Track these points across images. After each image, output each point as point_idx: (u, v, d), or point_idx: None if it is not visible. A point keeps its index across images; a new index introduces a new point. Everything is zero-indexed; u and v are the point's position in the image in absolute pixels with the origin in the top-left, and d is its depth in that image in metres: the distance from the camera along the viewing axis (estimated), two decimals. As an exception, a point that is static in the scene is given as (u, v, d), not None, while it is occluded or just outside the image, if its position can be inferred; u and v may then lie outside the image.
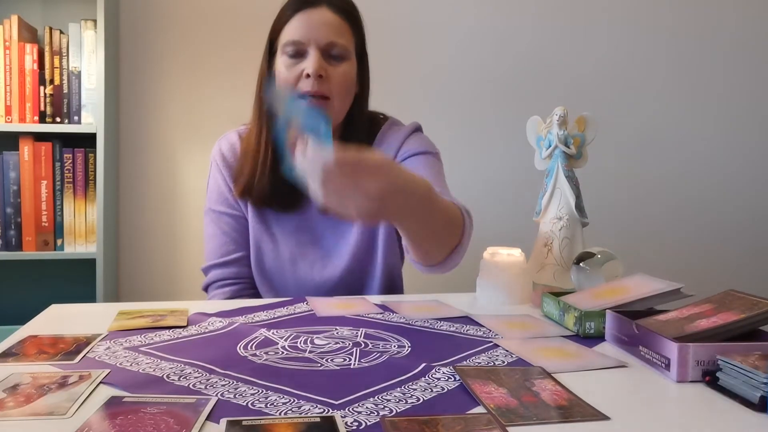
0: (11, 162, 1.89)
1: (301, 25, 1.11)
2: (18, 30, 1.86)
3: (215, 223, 1.24)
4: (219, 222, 1.23)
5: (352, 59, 1.16)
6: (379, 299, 1.13)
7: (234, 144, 1.26)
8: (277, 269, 1.22)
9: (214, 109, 2.15)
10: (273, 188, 1.16)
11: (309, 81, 1.09)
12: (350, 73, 1.15)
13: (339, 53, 1.12)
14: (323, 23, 1.11)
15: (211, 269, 1.23)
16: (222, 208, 1.24)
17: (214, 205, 1.24)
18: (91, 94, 1.91)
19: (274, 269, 1.22)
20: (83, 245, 1.93)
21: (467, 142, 2.29)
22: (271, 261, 1.22)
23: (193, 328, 0.92)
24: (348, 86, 1.15)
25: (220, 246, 1.23)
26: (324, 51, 1.11)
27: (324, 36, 1.10)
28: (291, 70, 1.11)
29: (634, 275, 1.03)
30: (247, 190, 1.18)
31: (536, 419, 0.60)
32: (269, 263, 1.22)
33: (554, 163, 1.19)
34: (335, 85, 1.12)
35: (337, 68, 1.12)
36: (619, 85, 2.36)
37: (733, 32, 2.42)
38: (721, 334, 0.75)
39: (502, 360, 0.78)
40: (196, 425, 0.57)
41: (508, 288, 1.12)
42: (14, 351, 0.79)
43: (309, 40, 1.10)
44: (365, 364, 0.76)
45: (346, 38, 1.13)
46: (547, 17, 2.31)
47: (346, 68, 1.13)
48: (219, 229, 1.23)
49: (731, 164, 2.45)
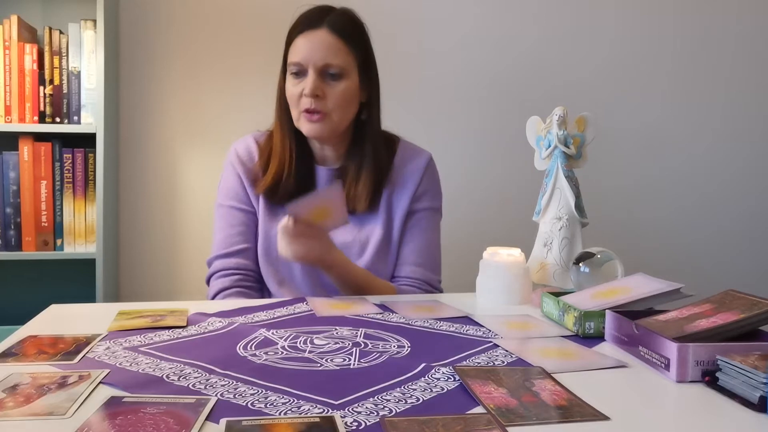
0: (11, 162, 1.88)
1: (302, 48, 1.22)
2: (18, 30, 1.86)
3: (224, 218, 1.32)
4: (227, 216, 1.31)
5: (351, 76, 1.24)
6: (379, 299, 1.13)
7: (250, 148, 1.33)
8: None
9: (214, 109, 2.15)
10: (297, 188, 1.26)
11: (307, 100, 1.21)
12: (348, 89, 1.24)
13: (336, 72, 1.22)
14: (321, 45, 1.21)
15: (215, 260, 1.30)
16: (232, 203, 1.31)
17: (224, 201, 1.32)
18: (91, 94, 1.91)
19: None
20: (83, 245, 1.93)
21: (467, 142, 2.28)
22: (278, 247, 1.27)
23: (193, 328, 0.92)
24: (346, 101, 1.24)
25: (225, 238, 1.30)
26: (321, 71, 1.21)
27: (321, 58, 1.21)
28: (295, 87, 1.23)
29: (634, 275, 1.03)
30: (272, 189, 1.27)
31: (536, 419, 0.60)
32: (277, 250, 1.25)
33: (554, 163, 1.19)
34: (332, 101, 1.22)
35: (335, 87, 1.22)
36: (619, 85, 2.36)
37: (734, 33, 2.42)
38: (720, 334, 0.75)
39: (501, 360, 0.78)
40: (196, 425, 0.57)
41: (508, 288, 1.12)
42: (14, 351, 0.79)
43: (308, 62, 1.21)
44: (365, 364, 0.76)
45: (341, 58, 1.22)
46: (548, 17, 2.31)
47: (344, 86, 1.23)
48: (226, 223, 1.31)
49: (731, 164, 2.45)
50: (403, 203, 1.31)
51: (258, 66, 2.14)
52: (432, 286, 1.31)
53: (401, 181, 1.32)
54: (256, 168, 1.31)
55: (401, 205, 1.31)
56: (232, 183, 1.32)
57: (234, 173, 1.32)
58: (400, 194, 1.31)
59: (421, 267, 1.30)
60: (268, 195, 1.29)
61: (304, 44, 1.21)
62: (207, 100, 2.15)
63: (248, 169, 1.31)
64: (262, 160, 1.30)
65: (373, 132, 1.31)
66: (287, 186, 1.27)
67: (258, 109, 2.08)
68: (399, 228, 1.30)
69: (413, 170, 1.33)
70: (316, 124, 1.22)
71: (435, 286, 1.31)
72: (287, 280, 1.28)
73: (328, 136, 1.26)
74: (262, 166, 1.30)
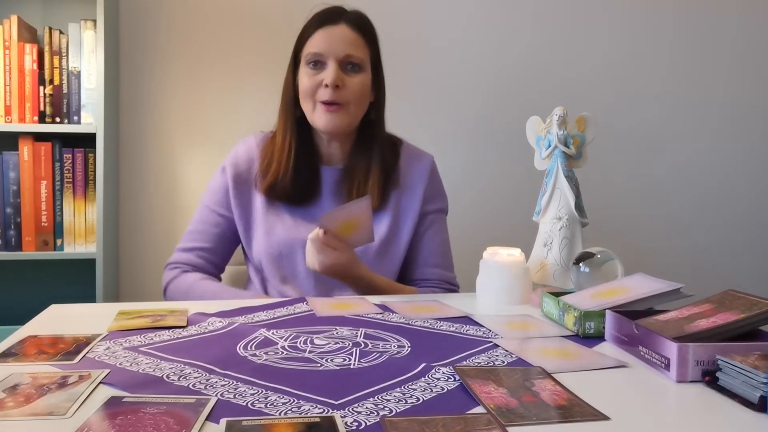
0: (11, 162, 1.88)
1: (322, 40, 1.24)
2: (18, 30, 1.86)
3: (199, 215, 1.36)
4: (203, 214, 1.35)
5: (368, 70, 1.28)
6: (379, 299, 1.13)
7: (251, 152, 1.34)
8: (288, 251, 1.28)
9: (214, 109, 2.15)
10: (293, 185, 1.28)
11: (327, 90, 1.22)
12: (365, 82, 1.27)
13: (356, 63, 1.25)
14: (342, 38, 1.24)
15: (175, 251, 1.35)
16: (212, 205, 1.34)
17: (205, 199, 1.36)
18: (91, 94, 1.91)
19: (285, 252, 1.28)
20: (83, 245, 1.93)
21: (467, 142, 2.28)
22: (282, 243, 1.28)
23: (193, 328, 0.92)
24: (363, 94, 1.27)
25: (190, 233, 1.35)
26: (341, 63, 1.24)
27: (342, 49, 1.23)
28: (312, 79, 1.24)
29: (634, 275, 1.03)
30: (272, 187, 1.29)
31: (536, 419, 0.60)
32: (280, 246, 1.28)
33: (554, 163, 1.19)
34: (351, 93, 1.24)
35: (354, 78, 1.25)
36: (619, 85, 2.36)
37: (733, 32, 2.42)
38: (720, 334, 0.75)
39: (501, 360, 0.78)
40: (196, 425, 0.57)
41: (508, 288, 1.12)
42: (14, 351, 0.79)
43: (328, 52, 1.23)
44: (365, 364, 0.76)
45: (361, 51, 1.26)
46: (547, 17, 2.31)
47: (362, 78, 1.26)
48: (199, 219, 1.35)
49: (731, 164, 2.45)
50: (413, 206, 1.33)
51: (258, 66, 2.14)
52: (451, 284, 1.35)
53: (409, 184, 1.34)
54: (254, 173, 1.32)
55: (412, 207, 1.33)
56: (216, 187, 1.34)
57: (223, 179, 1.33)
58: (410, 197, 1.33)
59: (439, 267, 1.34)
60: (268, 193, 1.29)
61: (324, 37, 1.23)
62: (207, 100, 2.15)
63: (241, 177, 1.32)
64: (265, 162, 1.31)
65: (380, 132, 1.33)
66: (288, 184, 1.28)
67: (258, 109, 2.09)
68: (410, 230, 1.32)
69: (419, 173, 1.35)
70: (334, 114, 1.24)
71: (453, 283, 1.36)
72: (290, 277, 1.29)
73: (344, 129, 1.27)
74: (264, 167, 1.31)
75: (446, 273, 1.35)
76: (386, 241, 1.30)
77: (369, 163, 1.30)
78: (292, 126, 1.29)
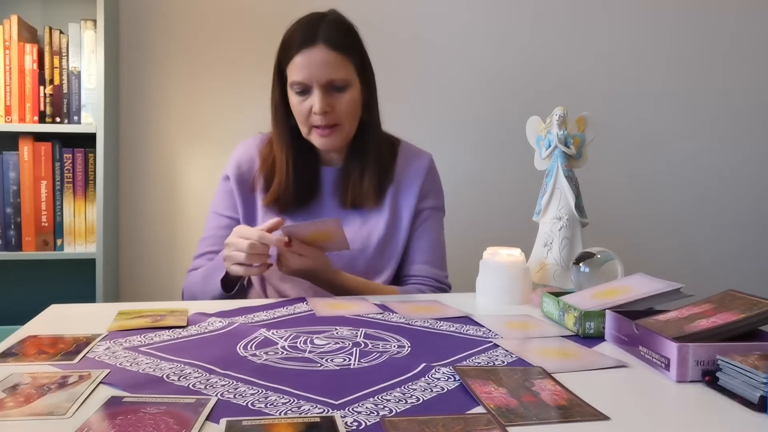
0: (11, 162, 1.88)
1: (303, 67, 1.22)
2: (18, 30, 1.85)
3: (210, 223, 1.38)
4: (213, 221, 1.37)
5: (354, 84, 1.26)
6: (379, 299, 1.13)
7: (252, 156, 1.36)
8: None
9: (214, 109, 2.15)
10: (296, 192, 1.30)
11: (318, 117, 1.23)
12: (354, 97, 1.26)
13: (340, 85, 1.24)
14: (320, 63, 1.22)
15: (194, 258, 1.37)
16: (221, 210, 1.36)
17: (216, 207, 1.38)
18: (91, 94, 1.91)
19: None
20: (83, 245, 1.93)
21: (467, 142, 2.28)
22: None
23: (193, 328, 0.92)
24: (354, 109, 1.27)
25: (204, 240, 1.37)
26: (326, 87, 1.23)
27: (324, 75, 1.22)
28: (301, 105, 1.25)
29: (634, 275, 1.03)
30: (276, 201, 1.31)
31: (536, 419, 0.60)
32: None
33: (554, 163, 1.19)
34: (341, 113, 1.25)
35: (342, 98, 1.24)
36: (619, 84, 2.36)
37: (732, 31, 2.42)
38: (720, 334, 0.75)
39: (501, 360, 0.78)
40: (196, 425, 0.57)
41: (508, 288, 1.12)
42: (14, 351, 0.79)
43: (311, 80, 1.22)
44: (365, 364, 0.76)
45: (343, 71, 1.24)
46: (547, 17, 2.31)
47: (350, 95, 1.25)
48: (210, 228, 1.37)
49: (731, 164, 2.45)
50: (409, 203, 1.33)
51: (258, 66, 2.13)
52: (440, 281, 1.34)
53: (406, 182, 1.34)
54: (256, 174, 1.33)
55: (408, 204, 1.33)
56: (222, 193, 1.37)
57: (227, 184, 1.35)
58: (406, 195, 1.33)
59: (428, 264, 1.33)
60: (273, 206, 1.31)
61: (304, 63, 1.22)
62: (207, 100, 2.15)
63: (243, 178, 1.34)
64: (264, 167, 1.32)
65: (375, 129, 1.33)
66: (291, 195, 1.30)
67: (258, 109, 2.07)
68: (406, 228, 1.32)
69: (416, 171, 1.35)
70: (328, 138, 1.25)
71: (442, 281, 1.34)
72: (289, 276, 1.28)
73: (341, 145, 1.29)
74: (264, 173, 1.32)
75: (436, 271, 1.34)
76: (385, 239, 1.30)
77: (365, 162, 1.30)
78: (287, 138, 1.30)
